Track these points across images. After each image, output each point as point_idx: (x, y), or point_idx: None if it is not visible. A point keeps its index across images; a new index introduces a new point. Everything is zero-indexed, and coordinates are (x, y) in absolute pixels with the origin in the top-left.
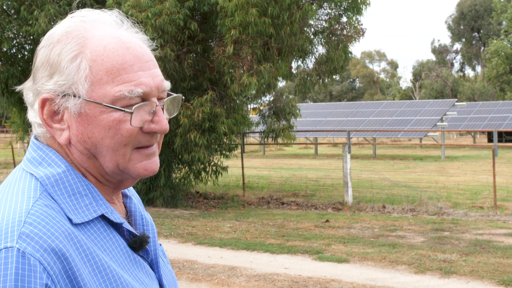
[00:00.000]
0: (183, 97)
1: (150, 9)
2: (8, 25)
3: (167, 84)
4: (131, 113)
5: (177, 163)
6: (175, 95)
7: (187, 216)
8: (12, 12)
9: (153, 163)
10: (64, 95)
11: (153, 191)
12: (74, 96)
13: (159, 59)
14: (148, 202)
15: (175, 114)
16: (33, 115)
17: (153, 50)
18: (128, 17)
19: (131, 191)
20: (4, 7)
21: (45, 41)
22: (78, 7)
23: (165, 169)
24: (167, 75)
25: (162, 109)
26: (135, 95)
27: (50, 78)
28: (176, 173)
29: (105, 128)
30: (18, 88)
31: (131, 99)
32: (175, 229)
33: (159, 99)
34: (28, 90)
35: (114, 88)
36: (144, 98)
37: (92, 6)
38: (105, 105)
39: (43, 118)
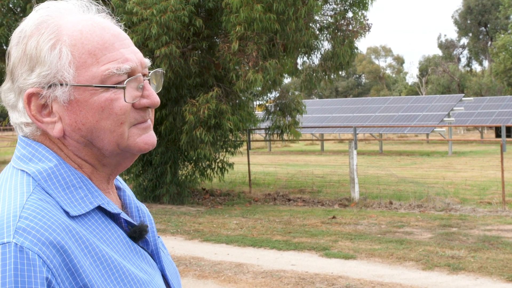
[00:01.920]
0: (164, 72)
1: (155, 6)
2: (15, 24)
3: (147, 60)
4: (124, 88)
5: (183, 160)
6: (158, 69)
7: (194, 213)
8: (18, 10)
9: (151, 136)
10: (50, 86)
11: (160, 188)
12: (61, 84)
13: (164, 56)
14: (154, 199)
15: (159, 90)
16: (17, 116)
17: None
18: (93, 3)
19: (123, 184)
20: (10, 6)
21: (15, 39)
22: None
23: (171, 166)
24: (172, 72)
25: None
26: (123, 72)
27: (31, 72)
28: (182, 170)
29: (98, 110)
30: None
31: (119, 76)
32: (182, 226)
33: (143, 75)
34: (8, 91)
35: (101, 68)
36: (130, 74)
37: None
38: (95, 86)
39: (31, 114)
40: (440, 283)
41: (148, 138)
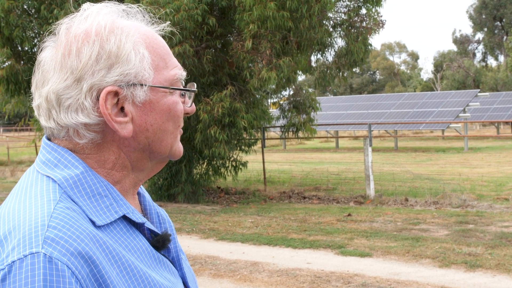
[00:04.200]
0: None
1: (168, 5)
2: (29, 25)
3: None
4: (195, 91)
5: (198, 159)
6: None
7: (209, 212)
8: (32, 11)
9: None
10: (129, 85)
11: (175, 187)
12: (141, 85)
13: (178, 55)
14: (169, 198)
15: None
16: (74, 116)
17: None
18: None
19: (142, 189)
20: (25, 7)
21: (84, 36)
22: None
23: (186, 164)
24: (186, 70)
25: None
26: (183, 78)
27: (109, 70)
28: (197, 169)
29: (166, 111)
30: (45, 90)
31: (180, 81)
32: (197, 225)
33: None
34: (68, 89)
35: (170, 72)
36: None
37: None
38: (172, 88)
39: (107, 113)
40: (457, 281)
41: (181, 147)
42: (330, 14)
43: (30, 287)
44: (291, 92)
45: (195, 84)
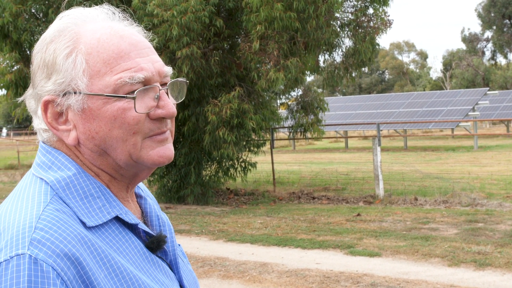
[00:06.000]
0: (187, 81)
1: (176, 7)
2: (37, 28)
3: (168, 69)
4: (134, 98)
5: (207, 161)
6: (177, 78)
7: (218, 213)
8: (40, 15)
9: (167, 149)
10: (65, 94)
11: (184, 188)
12: (75, 92)
13: (185, 57)
14: (179, 199)
15: (181, 100)
16: (38, 122)
17: (151, 40)
18: (118, 10)
19: (145, 192)
20: (33, 11)
21: (38, 45)
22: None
23: (195, 166)
24: (194, 72)
25: (167, 93)
26: (136, 81)
27: (48, 79)
28: (206, 171)
29: (110, 119)
30: (20, 99)
31: (133, 85)
32: (206, 226)
33: (162, 84)
34: (30, 97)
35: (114, 77)
36: (146, 84)
37: (117, 7)
38: (106, 95)
39: (47, 121)
40: (466, 280)
41: (163, 151)
42: (337, 14)
43: None
44: (300, 93)
45: (156, 86)
